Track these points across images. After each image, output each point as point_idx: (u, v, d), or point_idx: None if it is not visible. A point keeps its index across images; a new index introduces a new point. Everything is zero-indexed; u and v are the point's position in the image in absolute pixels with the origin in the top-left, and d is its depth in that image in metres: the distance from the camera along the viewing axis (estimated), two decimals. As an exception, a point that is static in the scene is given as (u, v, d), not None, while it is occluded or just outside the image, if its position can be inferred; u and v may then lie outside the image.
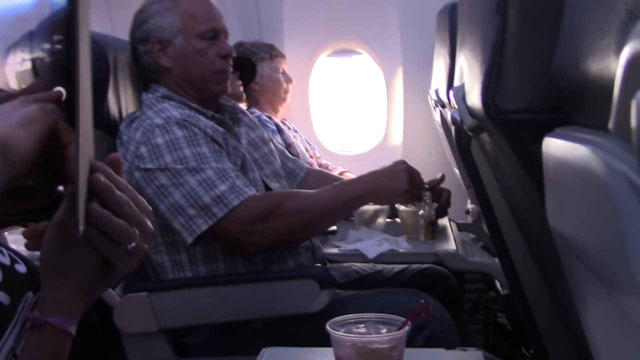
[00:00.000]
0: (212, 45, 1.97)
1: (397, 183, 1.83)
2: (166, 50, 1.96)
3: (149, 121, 1.84)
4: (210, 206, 1.74)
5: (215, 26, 1.97)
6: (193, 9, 1.96)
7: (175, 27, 1.95)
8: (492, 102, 0.83)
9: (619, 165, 0.49)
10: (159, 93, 1.96)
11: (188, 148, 1.78)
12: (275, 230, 1.78)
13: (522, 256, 1.31)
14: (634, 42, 0.41)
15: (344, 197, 1.84)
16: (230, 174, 1.79)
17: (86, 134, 0.75)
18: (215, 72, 1.98)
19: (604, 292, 0.61)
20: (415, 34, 3.56)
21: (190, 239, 1.77)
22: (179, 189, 1.76)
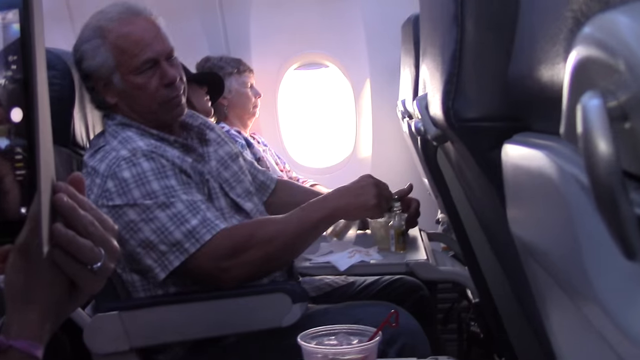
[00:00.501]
0: (153, 76, 1.85)
1: (365, 197, 1.80)
2: (109, 87, 1.88)
3: (114, 153, 1.77)
4: (181, 242, 1.70)
5: (151, 56, 1.84)
6: (123, 43, 1.83)
7: (108, 66, 1.84)
8: (452, 111, 0.84)
9: (571, 169, 0.50)
10: (116, 120, 1.89)
11: (156, 181, 1.72)
12: (250, 264, 1.74)
13: (490, 264, 1.32)
14: (578, 48, 0.42)
15: (314, 218, 1.80)
16: (200, 206, 1.74)
17: (47, 154, 0.74)
18: (162, 102, 1.88)
19: (565, 298, 0.62)
20: (382, 46, 3.58)
21: (162, 275, 1.72)
22: (149, 224, 1.70)
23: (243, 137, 3.20)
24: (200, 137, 2.04)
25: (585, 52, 0.41)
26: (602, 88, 0.40)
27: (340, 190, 1.86)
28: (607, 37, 0.38)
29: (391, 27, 3.09)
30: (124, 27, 1.84)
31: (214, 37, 3.74)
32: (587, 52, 0.41)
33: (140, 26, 1.86)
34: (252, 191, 2.08)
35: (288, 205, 2.13)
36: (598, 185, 0.38)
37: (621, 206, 0.38)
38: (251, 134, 3.46)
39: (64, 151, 1.98)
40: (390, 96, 3.37)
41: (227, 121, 3.34)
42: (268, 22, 3.71)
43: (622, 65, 0.36)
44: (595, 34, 0.40)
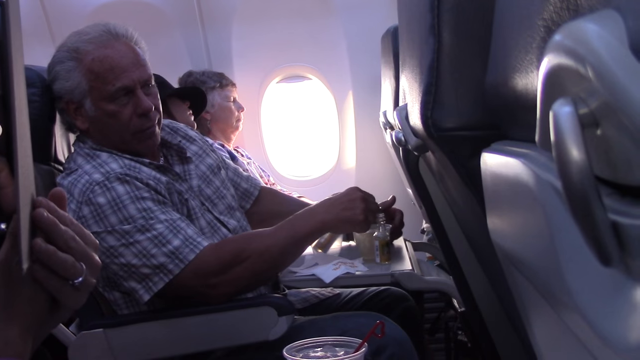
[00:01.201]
0: (127, 104, 1.78)
1: (353, 212, 1.80)
2: (80, 111, 1.81)
3: (87, 177, 1.72)
4: (164, 263, 1.67)
5: (126, 84, 1.77)
6: (97, 67, 1.75)
7: (81, 90, 1.77)
8: (431, 120, 0.84)
9: (547, 176, 0.50)
10: (87, 145, 1.84)
11: (132, 205, 1.69)
12: (240, 278, 1.73)
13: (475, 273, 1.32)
14: (549, 56, 0.43)
15: (301, 232, 1.78)
16: (180, 224, 1.71)
17: (26, 169, 0.74)
18: (135, 132, 1.81)
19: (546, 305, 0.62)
20: (363, 58, 3.60)
21: (146, 297, 1.69)
22: (129, 249, 1.67)
23: (227, 150, 3.20)
24: (180, 155, 1.99)
25: (555, 60, 0.42)
26: (574, 95, 0.40)
27: (327, 203, 1.85)
28: (576, 44, 0.38)
29: (372, 39, 3.11)
30: (101, 50, 1.77)
31: (196, 51, 3.74)
32: (558, 60, 0.41)
33: (118, 51, 1.78)
34: (234, 206, 2.06)
35: (272, 213, 2.12)
36: (571, 191, 0.39)
37: (595, 212, 0.38)
38: (235, 148, 3.46)
39: (45, 168, 1.97)
40: (372, 107, 3.38)
41: (211, 135, 3.34)
42: (250, 36, 3.72)
43: (591, 72, 0.36)
44: (564, 41, 0.40)
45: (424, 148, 1.08)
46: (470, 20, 0.81)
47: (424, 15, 0.86)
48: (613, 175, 0.40)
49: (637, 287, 0.39)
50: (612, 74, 0.35)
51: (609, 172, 0.41)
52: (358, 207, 1.80)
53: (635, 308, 0.38)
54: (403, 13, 1.21)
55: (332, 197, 1.87)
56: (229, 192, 2.09)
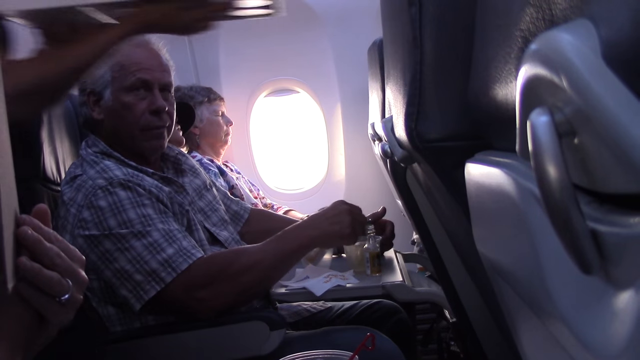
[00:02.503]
0: (143, 99, 1.86)
1: (340, 226, 1.81)
2: (99, 102, 1.88)
3: (91, 182, 1.75)
4: (157, 271, 1.67)
5: (145, 77, 1.86)
6: (123, 60, 1.85)
7: (105, 80, 1.86)
8: (415, 132, 0.85)
9: (528, 185, 0.50)
10: (97, 148, 1.88)
11: (132, 210, 1.71)
12: (226, 294, 1.73)
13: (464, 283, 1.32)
14: (526, 66, 0.43)
15: (290, 248, 1.79)
16: (177, 235, 1.72)
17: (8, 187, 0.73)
18: (144, 128, 1.87)
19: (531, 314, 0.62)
20: (351, 70, 3.61)
21: (138, 306, 1.70)
22: (124, 254, 1.68)
23: (216, 165, 3.20)
24: (176, 168, 2.05)
25: (532, 70, 0.42)
26: (550, 104, 0.41)
27: (314, 218, 1.86)
28: (551, 54, 0.39)
29: (359, 51, 3.12)
30: (131, 47, 1.86)
31: (183, 66, 3.74)
32: (534, 70, 0.42)
33: (148, 51, 1.91)
34: (226, 219, 2.08)
35: (263, 233, 2.12)
36: (550, 200, 0.39)
37: (574, 221, 0.38)
38: (224, 162, 3.46)
39: (35, 185, 1.96)
40: (361, 119, 3.39)
41: (200, 150, 3.33)
42: (237, 50, 3.73)
43: (566, 81, 0.37)
44: (540, 51, 0.41)
45: (410, 159, 1.08)
46: (452, 31, 0.82)
47: (406, 27, 0.86)
48: (591, 184, 0.41)
49: (617, 294, 0.39)
50: (586, 83, 0.35)
51: (587, 180, 0.41)
52: (345, 221, 1.81)
53: (616, 315, 0.39)
54: (387, 26, 1.22)
55: (319, 212, 1.88)
56: (221, 207, 2.11)
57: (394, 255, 2.62)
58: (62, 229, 1.75)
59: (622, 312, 0.37)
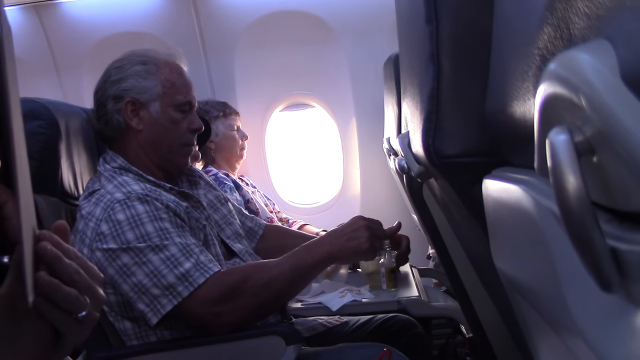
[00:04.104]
0: (185, 118, 1.96)
1: (358, 241, 1.80)
2: (139, 112, 1.92)
3: (109, 196, 1.78)
4: (174, 285, 1.68)
5: (190, 99, 1.98)
6: (174, 79, 1.95)
7: (154, 93, 1.92)
8: (432, 148, 0.85)
9: (547, 203, 0.50)
10: (116, 164, 1.91)
11: (150, 223, 1.72)
12: (242, 309, 1.73)
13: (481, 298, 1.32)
14: (545, 85, 0.43)
15: (307, 263, 1.79)
16: (194, 249, 1.73)
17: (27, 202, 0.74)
18: (184, 144, 1.97)
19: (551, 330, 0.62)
20: (366, 85, 3.62)
21: (154, 320, 1.70)
22: (142, 268, 1.70)
23: (231, 179, 3.21)
24: (189, 180, 2.08)
25: (551, 88, 0.42)
26: (569, 123, 0.41)
27: (332, 234, 1.85)
28: (570, 74, 0.39)
29: (375, 65, 3.13)
30: (174, 66, 1.98)
31: (198, 81, 3.75)
32: (553, 89, 0.42)
33: (184, 72, 2.01)
34: (241, 233, 2.09)
35: (277, 249, 2.13)
36: (569, 218, 0.39)
37: (593, 239, 0.38)
38: (239, 177, 3.47)
39: (52, 200, 1.98)
40: (376, 134, 3.39)
41: (215, 164, 3.35)
42: (252, 65, 3.75)
43: (585, 101, 0.37)
44: (559, 71, 0.41)
45: (427, 175, 1.08)
46: (469, 48, 0.82)
47: (423, 43, 0.87)
48: (611, 202, 0.41)
49: (638, 312, 0.39)
50: (605, 103, 0.35)
51: (607, 198, 0.41)
52: (363, 236, 1.80)
53: (636, 333, 0.39)
54: (403, 41, 1.22)
55: (337, 228, 1.87)
56: (236, 221, 2.12)
57: (410, 270, 2.62)
58: (81, 242, 1.76)
59: (643, 330, 0.37)
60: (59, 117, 2.01)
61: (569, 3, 0.43)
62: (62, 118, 2.03)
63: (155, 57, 1.96)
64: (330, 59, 3.69)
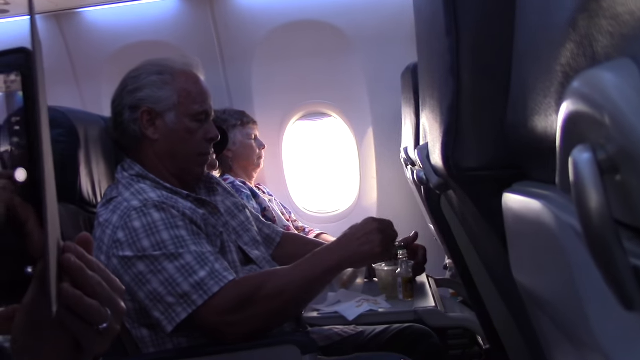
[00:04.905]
0: (201, 127, 1.96)
1: (370, 245, 1.79)
2: (155, 122, 1.93)
3: (126, 204, 1.79)
4: (189, 293, 1.69)
5: (207, 109, 1.98)
6: (190, 88, 1.95)
7: (170, 102, 1.92)
8: (452, 160, 0.85)
9: (568, 219, 0.51)
10: (133, 171, 1.92)
11: (166, 231, 1.73)
12: (254, 318, 1.73)
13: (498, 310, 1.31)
14: (568, 102, 0.43)
15: (320, 270, 1.79)
16: (209, 258, 1.74)
17: (53, 215, 0.75)
18: (200, 153, 1.97)
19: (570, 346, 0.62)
20: (383, 94, 3.62)
21: (169, 328, 1.71)
22: (157, 276, 1.70)
23: (248, 187, 3.22)
24: (208, 187, 2.09)
25: (574, 106, 0.43)
26: (593, 141, 0.41)
27: (344, 239, 1.84)
28: (594, 92, 0.39)
29: (392, 75, 3.13)
30: (191, 76, 1.98)
31: (216, 90, 3.78)
32: (576, 107, 0.42)
33: (201, 81, 2.01)
34: (258, 240, 2.10)
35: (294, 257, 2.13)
36: (592, 236, 0.39)
37: (616, 257, 0.39)
38: (256, 185, 3.48)
39: (71, 208, 2.00)
40: (393, 143, 3.39)
41: (232, 173, 3.36)
42: (269, 74, 3.76)
43: (608, 119, 0.37)
44: (582, 89, 0.41)
45: (445, 187, 1.08)
46: (489, 61, 0.82)
47: (443, 55, 0.87)
48: (634, 220, 0.41)
49: (660, 330, 0.39)
50: (629, 122, 0.35)
51: (630, 216, 0.41)
52: (375, 240, 1.80)
53: (659, 352, 0.39)
54: (423, 52, 1.22)
55: (349, 232, 1.86)
56: (254, 228, 2.12)
57: (427, 280, 2.61)
58: (98, 250, 1.77)
59: (666, 349, 0.37)
60: (78, 125, 2.03)
61: (593, 21, 0.43)
62: (81, 126, 2.05)
63: (172, 67, 1.96)
64: (347, 69, 3.69)
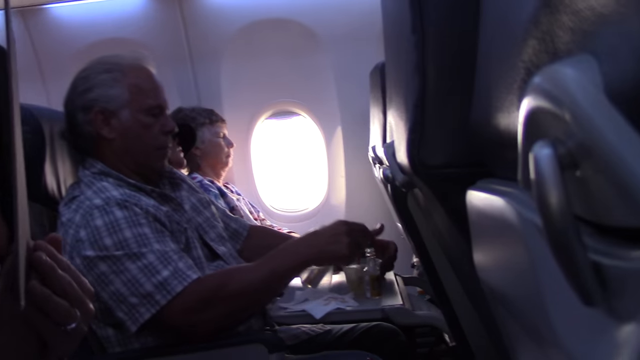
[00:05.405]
0: (157, 121, 1.93)
1: (337, 246, 1.78)
2: (110, 121, 1.90)
3: (88, 202, 1.77)
4: (152, 293, 1.67)
5: (160, 102, 1.95)
6: (141, 83, 1.92)
7: (122, 99, 1.89)
8: (417, 158, 0.85)
9: (530, 215, 0.51)
10: (95, 169, 1.89)
11: (129, 229, 1.71)
12: (221, 316, 1.72)
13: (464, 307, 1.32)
14: (529, 98, 0.43)
15: (285, 266, 1.78)
16: (172, 256, 1.72)
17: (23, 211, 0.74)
18: (158, 147, 1.95)
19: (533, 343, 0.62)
20: (352, 93, 3.63)
21: (134, 328, 1.69)
22: (119, 276, 1.68)
23: (216, 186, 3.21)
24: (171, 182, 2.07)
25: (535, 102, 0.42)
26: (553, 137, 0.41)
27: (312, 236, 1.83)
28: (554, 88, 0.39)
29: (361, 74, 3.14)
30: (141, 71, 1.95)
31: (185, 88, 3.76)
32: (537, 102, 0.42)
33: (152, 75, 1.97)
34: (224, 236, 2.08)
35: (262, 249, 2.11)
36: (552, 232, 0.39)
37: (575, 253, 0.39)
38: (224, 184, 3.47)
39: (35, 206, 1.96)
40: (362, 142, 3.40)
41: (200, 171, 3.34)
42: (239, 73, 3.75)
43: (568, 115, 0.37)
44: (543, 84, 0.41)
45: (411, 184, 1.09)
46: (455, 58, 0.83)
47: (409, 53, 0.87)
48: (593, 216, 0.41)
49: (619, 326, 0.39)
50: (588, 117, 0.35)
51: (590, 212, 0.41)
52: (343, 242, 1.78)
53: (617, 347, 0.39)
54: (389, 51, 1.22)
55: (318, 230, 1.85)
56: (219, 224, 2.11)
57: (394, 279, 2.62)
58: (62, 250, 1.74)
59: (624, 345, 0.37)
60: (43, 122, 1.99)
61: (554, 17, 0.43)
62: (47, 123, 2.02)
63: (121, 63, 1.93)
64: (316, 68, 3.69)
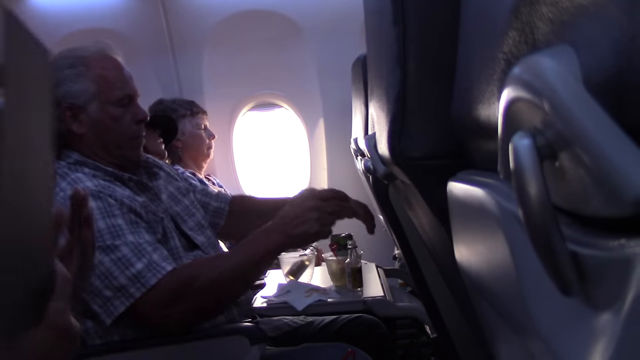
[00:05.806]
0: (127, 111, 1.91)
1: (306, 226, 1.72)
2: (79, 116, 1.87)
3: (62, 194, 1.74)
4: (126, 286, 1.66)
5: (129, 92, 1.92)
6: (107, 74, 1.89)
7: (89, 93, 1.86)
8: (398, 150, 0.85)
9: (510, 206, 0.51)
10: (71, 159, 1.87)
11: (102, 220, 1.70)
12: (193, 309, 1.71)
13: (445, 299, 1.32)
14: (508, 89, 0.43)
15: (256, 256, 1.74)
16: (146, 248, 1.71)
17: None
18: (131, 137, 1.93)
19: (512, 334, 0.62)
20: (334, 85, 3.63)
21: (108, 321, 1.69)
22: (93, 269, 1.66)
23: (198, 178, 3.20)
24: (148, 171, 2.05)
25: (514, 93, 0.43)
26: (532, 127, 0.41)
27: (280, 222, 1.77)
28: (533, 78, 0.39)
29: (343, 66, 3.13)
30: (107, 62, 1.91)
31: (166, 79, 3.74)
32: (516, 93, 0.42)
33: (119, 64, 1.94)
34: (204, 225, 2.07)
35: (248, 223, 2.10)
36: (530, 222, 0.39)
37: (554, 242, 0.39)
38: (206, 176, 3.46)
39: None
40: (344, 134, 3.40)
41: (182, 163, 3.33)
42: (220, 64, 3.74)
43: (547, 106, 0.37)
44: (522, 75, 0.41)
45: (392, 176, 1.09)
46: (436, 50, 0.83)
47: (390, 45, 0.87)
48: (572, 206, 0.41)
49: (597, 315, 0.39)
50: (567, 108, 0.35)
51: (568, 202, 0.41)
52: (311, 219, 1.73)
53: (595, 336, 0.39)
54: (371, 42, 1.22)
55: (285, 212, 1.78)
56: (199, 212, 2.09)
57: (376, 270, 2.63)
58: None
59: (602, 334, 0.38)
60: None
61: (534, 8, 0.43)
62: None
63: (84, 56, 1.90)
64: (299, 60, 3.69)
